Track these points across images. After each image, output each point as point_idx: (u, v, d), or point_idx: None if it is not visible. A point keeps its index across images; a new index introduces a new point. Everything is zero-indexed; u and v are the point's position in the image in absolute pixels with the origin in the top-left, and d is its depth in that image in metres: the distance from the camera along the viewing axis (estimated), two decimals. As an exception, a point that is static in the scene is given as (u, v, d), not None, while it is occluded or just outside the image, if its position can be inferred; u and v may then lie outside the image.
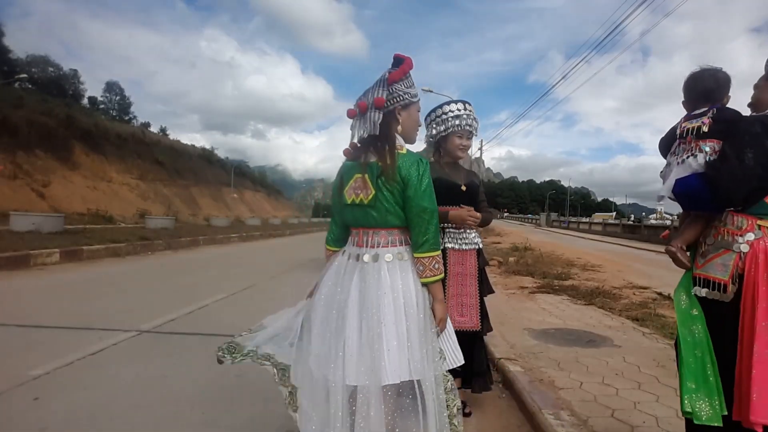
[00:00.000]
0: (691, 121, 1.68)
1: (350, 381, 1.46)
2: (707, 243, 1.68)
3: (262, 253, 12.77)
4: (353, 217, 1.66)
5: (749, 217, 1.59)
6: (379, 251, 1.59)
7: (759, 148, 1.50)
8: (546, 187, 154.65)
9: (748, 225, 1.58)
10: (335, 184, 1.73)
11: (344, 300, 1.55)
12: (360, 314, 1.52)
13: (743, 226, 1.59)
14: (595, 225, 39.32)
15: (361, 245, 1.63)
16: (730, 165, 1.52)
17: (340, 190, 1.68)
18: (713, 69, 1.79)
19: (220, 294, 5.76)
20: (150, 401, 2.55)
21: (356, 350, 1.48)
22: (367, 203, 1.58)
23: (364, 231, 1.64)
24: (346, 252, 1.70)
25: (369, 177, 1.58)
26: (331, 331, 1.55)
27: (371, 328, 1.48)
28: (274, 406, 2.55)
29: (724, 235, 1.62)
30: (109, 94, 64.04)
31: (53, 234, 11.33)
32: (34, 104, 33.89)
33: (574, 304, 5.66)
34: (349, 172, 1.66)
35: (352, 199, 1.62)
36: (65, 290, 5.84)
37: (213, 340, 3.81)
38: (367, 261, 1.58)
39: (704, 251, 1.68)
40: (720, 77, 1.78)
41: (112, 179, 36.88)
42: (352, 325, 1.50)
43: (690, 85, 1.81)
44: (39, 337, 3.67)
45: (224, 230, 19.94)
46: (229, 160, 77.90)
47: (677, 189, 1.65)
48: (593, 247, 17.45)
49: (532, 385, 2.76)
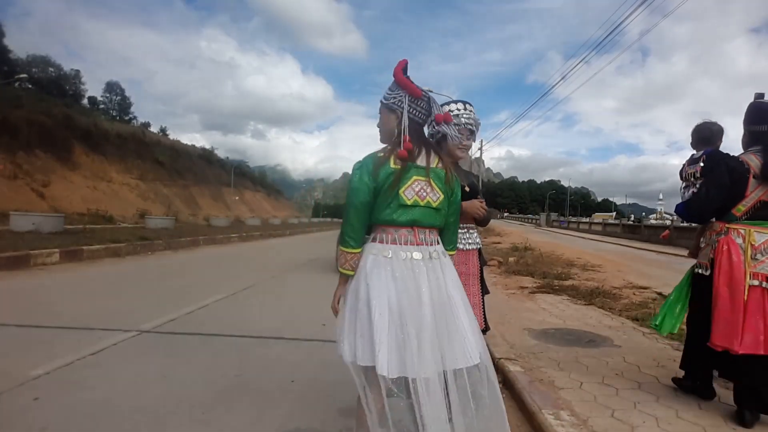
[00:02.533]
0: (691, 167, 2.63)
1: (456, 365, 1.61)
2: (704, 240, 2.66)
3: (262, 253, 12.76)
4: (411, 218, 1.69)
5: (722, 222, 2.51)
6: (437, 248, 1.76)
7: (719, 187, 2.43)
8: (546, 187, 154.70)
9: (720, 227, 2.52)
10: (383, 183, 1.67)
11: (420, 297, 1.62)
12: (436, 308, 1.63)
13: (718, 228, 2.53)
14: (595, 225, 39.31)
15: (420, 243, 1.71)
16: (699, 197, 2.51)
17: (392, 189, 1.67)
18: (710, 123, 2.85)
19: (220, 294, 5.76)
20: (150, 401, 2.55)
21: (445, 340, 1.61)
22: (435, 206, 1.72)
23: (420, 230, 1.73)
24: (395, 251, 1.67)
25: (435, 182, 1.72)
26: (418, 328, 1.59)
27: (449, 319, 1.64)
28: (274, 406, 2.56)
29: (709, 235, 2.60)
30: (109, 94, 64.06)
31: (53, 234, 11.34)
32: (34, 104, 33.89)
33: (574, 304, 5.66)
34: (407, 173, 1.68)
35: (415, 200, 1.68)
36: (65, 290, 5.84)
37: (213, 340, 3.81)
38: (435, 258, 1.72)
39: (703, 246, 2.66)
40: (714, 129, 2.81)
41: (112, 179, 36.90)
42: (434, 319, 1.62)
43: (695, 133, 2.86)
44: (39, 337, 3.67)
45: (224, 230, 19.96)
46: (229, 160, 77.95)
47: (676, 211, 2.76)
48: (593, 247, 17.44)
49: (532, 385, 2.76)
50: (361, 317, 1.61)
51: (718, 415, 2.47)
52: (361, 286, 1.65)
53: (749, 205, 2.44)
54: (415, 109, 1.74)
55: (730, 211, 2.47)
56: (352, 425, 2.35)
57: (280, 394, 2.74)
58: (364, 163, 1.71)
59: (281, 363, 3.29)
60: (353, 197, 1.70)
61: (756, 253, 2.40)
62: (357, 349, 1.59)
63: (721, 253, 2.44)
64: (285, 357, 3.44)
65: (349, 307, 1.68)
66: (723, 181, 2.42)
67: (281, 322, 4.53)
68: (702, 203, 2.49)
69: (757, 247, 2.41)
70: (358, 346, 1.59)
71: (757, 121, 2.49)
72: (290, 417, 2.43)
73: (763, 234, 2.42)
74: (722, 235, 2.48)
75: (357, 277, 1.70)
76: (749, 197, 2.43)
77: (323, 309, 5.80)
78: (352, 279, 1.72)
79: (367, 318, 1.59)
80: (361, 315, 1.62)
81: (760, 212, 2.44)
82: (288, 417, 2.43)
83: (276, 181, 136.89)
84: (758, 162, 2.40)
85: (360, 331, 1.60)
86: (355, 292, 1.67)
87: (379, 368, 1.52)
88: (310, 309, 5.24)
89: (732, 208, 2.46)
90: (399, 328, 1.57)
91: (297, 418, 2.41)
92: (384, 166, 1.68)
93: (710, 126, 2.82)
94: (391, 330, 1.57)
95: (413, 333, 1.57)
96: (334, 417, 2.43)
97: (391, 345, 1.55)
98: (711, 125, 2.83)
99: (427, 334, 1.58)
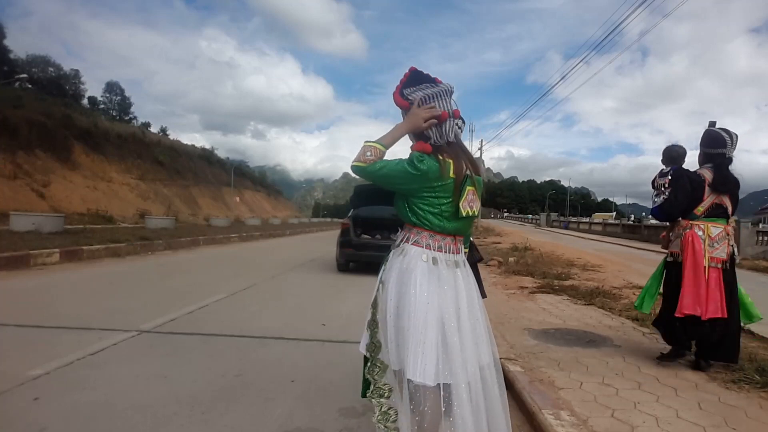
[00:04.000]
0: (662, 179, 3.67)
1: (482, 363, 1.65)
2: (673, 235, 3.44)
3: (262, 253, 12.76)
4: (458, 227, 1.70)
5: (687, 220, 3.30)
6: (464, 254, 1.78)
7: (684, 193, 3.24)
8: (546, 187, 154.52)
9: (686, 224, 3.30)
10: (435, 190, 1.63)
11: (459, 305, 1.64)
12: (470, 315, 1.66)
13: (684, 224, 3.32)
14: (595, 225, 39.29)
15: (458, 252, 1.73)
16: (670, 202, 3.33)
17: (453, 202, 1.64)
18: (677, 146, 3.83)
19: (220, 294, 5.76)
20: (150, 401, 2.55)
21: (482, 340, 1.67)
22: (473, 214, 1.72)
23: (459, 238, 1.74)
24: (434, 258, 1.65)
25: (479, 191, 1.73)
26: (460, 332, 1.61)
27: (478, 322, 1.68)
28: (274, 406, 2.56)
29: (678, 230, 3.38)
30: (109, 94, 64.03)
31: (53, 234, 11.34)
32: (34, 104, 33.87)
33: (574, 304, 5.66)
34: (464, 185, 1.66)
35: (467, 212, 1.67)
36: (65, 290, 5.84)
37: (213, 340, 3.81)
38: (463, 264, 1.74)
39: (672, 239, 3.44)
40: (680, 151, 3.79)
41: (112, 179, 36.87)
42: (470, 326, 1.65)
43: (665, 154, 3.86)
44: (39, 337, 3.67)
45: (224, 230, 19.95)
46: (229, 160, 77.90)
47: (652, 213, 3.66)
48: (593, 247, 17.44)
49: (531, 385, 2.76)
50: (415, 327, 1.57)
51: (718, 415, 2.47)
52: (411, 293, 1.60)
53: (706, 206, 3.27)
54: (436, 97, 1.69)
55: (692, 211, 3.28)
56: (352, 425, 2.36)
57: (280, 394, 2.73)
58: (429, 165, 1.59)
59: (281, 363, 3.29)
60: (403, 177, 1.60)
61: (713, 243, 3.22)
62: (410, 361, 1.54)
63: (688, 244, 3.22)
64: (285, 357, 3.44)
65: (395, 315, 1.62)
66: (687, 189, 3.24)
67: (281, 322, 4.53)
68: (673, 206, 3.32)
69: (713, 237, 3.23)
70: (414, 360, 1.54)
71: (710, 145, 3.31)
72: (290, 417, 2.43)
73: (717, 227, 3.26)
74: (687, 229, 3.27)
75: (405, 282, 1.63)
76: (705, 201, 3.26)
77: (323, 309, 5.81)
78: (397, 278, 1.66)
79: (422, 327, 1.57)
80: (416, 324, 1.57)
81: (714, 211, 3.27)
82: (288, 417, 2.43)
83: (276, 181, 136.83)
84: (711, 175, 3.24)
85: (412, 342, 1.55)
86: (403, 298, 1.62)
87: (433, 378, 1.53)
88: (311, 309, 5.25)
89: (694, 209, 3.28)
90: (446, 337, 1.58)
91: (297, 418, 2.41)
92: (444, 176, 1.63)
93: (677, 149, 3.82)
94: (438, 339, 1.58)
95: (457, 341, 1.58)
96: (334, 417, 2.43)
97: (439, 354, 1.56)
98: (678, 148, 3.83)
99: (468, 341, 1.62)
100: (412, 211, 1.68)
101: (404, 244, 1.70)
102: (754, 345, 3.90)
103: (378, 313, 1.70)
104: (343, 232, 8.64)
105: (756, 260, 12.76)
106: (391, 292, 1.66)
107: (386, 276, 1.71)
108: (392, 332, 1.62)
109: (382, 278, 1.74)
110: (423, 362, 1.52)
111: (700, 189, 3.24)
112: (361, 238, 8.57)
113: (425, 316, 1.57)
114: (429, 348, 1.54)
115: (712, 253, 3.18)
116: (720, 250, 3.20)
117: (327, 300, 5.79)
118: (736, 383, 2.94)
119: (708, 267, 3.14)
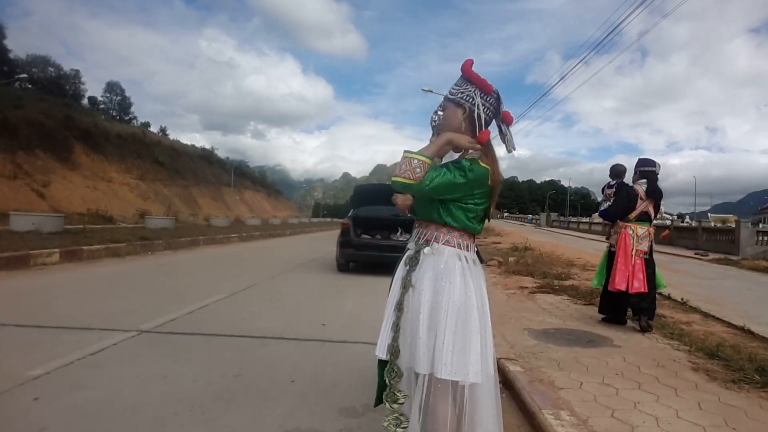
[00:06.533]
0: (609, 189, 5.00)
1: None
2: (613, 231, 4.71)
3: (262, 253, 12.76)
4: (480, 228, 1.77)
5: (623, 222, 4.55)
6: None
7: (623, 203, 4.54)
8: (546, 187, 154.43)
9: (622, 224, 4.56)
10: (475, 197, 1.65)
11: (473, 299, 1.64)
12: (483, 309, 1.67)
13: (620, 225, 4.57)
14: (595, 225, 39.22)
15: (474, 250, 1.77)
16: (611, 208, 4.69)
17: (488, 206, 1.72)
18: (621, 165, 5.20)
19: (220, 294, 5.76)
20: (150, 401, 2.55)
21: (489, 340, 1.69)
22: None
23: (476, 237, 1.78)
24: (465, 257, 1.68)
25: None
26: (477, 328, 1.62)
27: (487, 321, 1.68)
28: (274, 406, 2.56)
29: (616, 229, 4.63)
30: (109, 94, 64.03)
31: (53, 234, 11.34)
32: (34, 104, 33.88)
33: (574, 304, 5.66)
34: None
35: (492, 215, 1.78)
36: (65, 290, 5.84)
37: (213, 340, 3.81)
38: (477, 263, 1.75)
39: (612, 234, 4.74)
40: (622, 169, 5.14)
41: (112, 179, 36.87)
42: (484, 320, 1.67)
43: (612, 169, 5.20)
44: (39, 337, 3.67)
45: (224, 230, 19.94)
46: (229, 160, 77.90)
47: (599, 214, 5.10)
48: (593, 247, 17.42)
49: (531, 385, 2.76)
50: (465, 327, 1.58)
51: (718, 415, 2.47)
52: (457, 294, 1.60)
53: (637, 213, 4.51)
54: (484, 105, 1.68)
55: (627, 216, 4.53)
56: (352, 425, 2.36)
57: (280, 394, 2.73)
58: (478, 173, 1.59)
59: (281, 363, 3.29)
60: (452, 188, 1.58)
61: (639, 239, 4.45)
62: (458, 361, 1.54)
63: (621, 238, 4.48)
64: (285, 357, 3.44)
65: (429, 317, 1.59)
66: (625, 200, 4.53)
67: (281, 322, 4.53)
68: (615, 211, 4.62)
69: (640, 235, 4.46)
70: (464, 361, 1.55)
71: (644, 164, 4.60)
72: (290, 417, 2.43)
73: (642, 228, 4.49)
74: (622, 228, 4.52)
75: (445, 282, 1.61)
76: (637, 209, 4.51)
77: (323, 309, 5.80)
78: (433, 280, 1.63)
79: (471, 327, 1.58)
80: (468, 324, 1.58)
81: (642, 217, 4.52)
82: (288, 417, 2.43)
83: (276, 181, 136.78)
84: (643, 189, 4.52)
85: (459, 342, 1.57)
86: (445, 298, 1.59)
87: (473, 377, 1.55)
88: (311, 309, 5.24)
89: (628, 214, 4.52)
90: (485, 335, 1.63)
91: (297, 418, 2.41)
92: (485, 183, 1.65)
93: (621, 167, 5.19)
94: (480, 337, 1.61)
95: (489, 337, 1.65)
96: (334, 417, 2.43)
97: (481, 352, 1.59)
98: (621, 167, 5.19)
99: (490, 338, 1.67)
100: (448, 212, 1.65)
101: (435, 244, 1.66)
102: (754, 345, 3.90)
103: (404, 317, 1.64)
104: (343, 232, 8.64)
105: (756, 260, 12.75)
106: (425, 294, 1.60)
107: (417, 277, 1.64)
108: (424, 335, 1.57)
109: (410, 280, 1.66)
110: (475, 362, 1.56)
111: (635, 200, 4.49)
112: (361, 238, 8.57)
113: (472, 315, 1.60)
114: (476, 348, 1.57)
115: (638, 246, 4.42)
116: (643, 245, 4.46)
117: (327, 300, 5.78)
118: (736, 383, 2.94)
119: (634, 256, 4.38)
